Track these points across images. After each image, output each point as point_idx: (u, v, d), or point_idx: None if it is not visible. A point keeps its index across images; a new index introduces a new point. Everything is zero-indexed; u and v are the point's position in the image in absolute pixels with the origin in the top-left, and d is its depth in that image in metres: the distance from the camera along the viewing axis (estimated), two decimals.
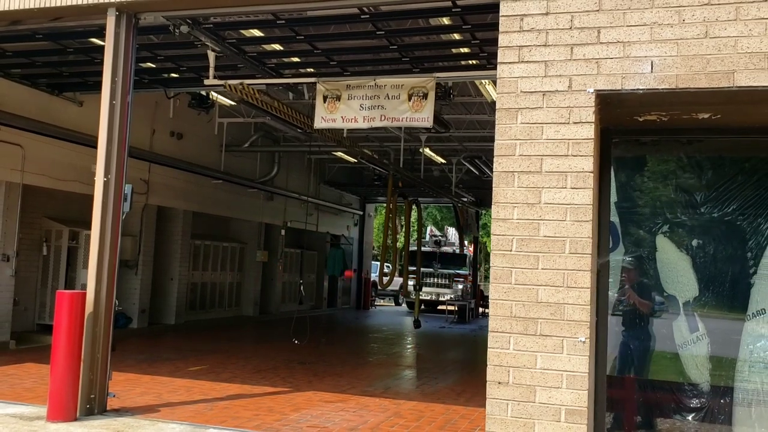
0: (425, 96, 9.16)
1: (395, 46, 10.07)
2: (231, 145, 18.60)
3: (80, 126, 13.21)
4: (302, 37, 9.80)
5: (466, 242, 28.60)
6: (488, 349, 5.27)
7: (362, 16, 8.72)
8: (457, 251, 29.01)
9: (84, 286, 13.37)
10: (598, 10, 5.22)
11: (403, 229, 23.25)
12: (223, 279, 20.47)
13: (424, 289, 24.75)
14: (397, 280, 25.92)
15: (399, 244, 22.74)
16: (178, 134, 16.85)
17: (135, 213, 15.49)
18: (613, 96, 5.24)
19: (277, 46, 10.59)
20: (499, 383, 5.20)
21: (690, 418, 5.69)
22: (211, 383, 9.88)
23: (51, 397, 7.26)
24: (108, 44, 7.98)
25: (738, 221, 5.67)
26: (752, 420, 5.45)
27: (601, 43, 5.21)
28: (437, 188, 22.47)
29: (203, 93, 14.08)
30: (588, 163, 5.13)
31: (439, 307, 27.09)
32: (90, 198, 8.02)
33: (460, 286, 25.84)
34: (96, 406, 7.58)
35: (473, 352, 16.33)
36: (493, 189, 5.36)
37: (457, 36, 9.76)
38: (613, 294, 5.90)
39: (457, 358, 15.27)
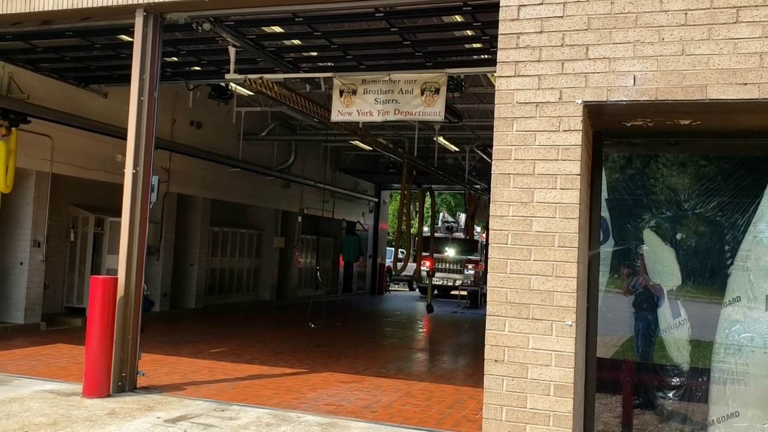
0: (437, 91, 9.49)
1: (408, 42, 10.40)
2: (249, 133, 18.90)
3: (105, 117, 13.68)
4: (319, 34, 10.16)
5: (478, 228, 28.73)
6: (486, 331, 5.80)
7: (377, 14, 9.07)
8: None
9: (109, 271, 13.98)
10: (586, 29, 5.64)
11: (417, 216, 23.59)
12: (241, 265, 20.86)
13: (437, 274, 24.97)
14: (411, 266, 26.14)
15: (413, 231, 22.98)
16: (198, 123, 17.23)
17: (156, 201, 15.95)
18: (599, 106, 5.67)
19: (296, 41, 10.95)
20: (496, 361, 5.73)
21: (671, 395, 6.20)
22: (232, 364, 10.33)
23: (86, 375, 7.75)
24: (136, 43, 8.38)
25: (717, 217, 6.15)
26: (726, 397, 6.00)
27: (589, 59, 5.62)
28: (451, 176, 22.66)
29: (223, 84, 14.43)
30: (575, 167, 5.57)
31: (452, 293, 27.37)
32: (113, 185, 8.43)
33: (472, 272, 25.98)
34: (127, 384, 8.07)
35: (483, 337, 16.63)
36: (491, 189, 5.85)
37: (469, 32, 10.05)
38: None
39: (467, 342, 15.57)
